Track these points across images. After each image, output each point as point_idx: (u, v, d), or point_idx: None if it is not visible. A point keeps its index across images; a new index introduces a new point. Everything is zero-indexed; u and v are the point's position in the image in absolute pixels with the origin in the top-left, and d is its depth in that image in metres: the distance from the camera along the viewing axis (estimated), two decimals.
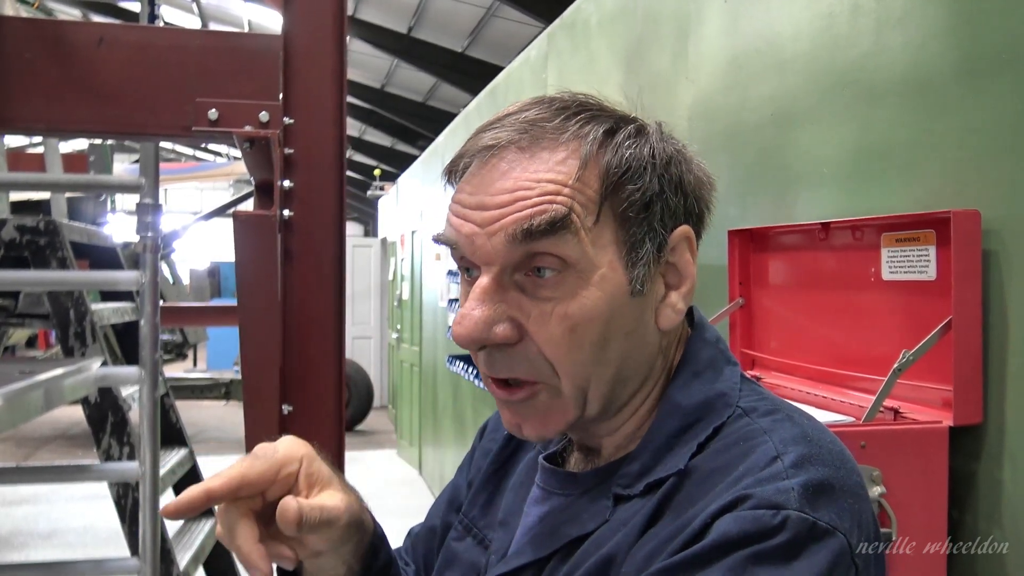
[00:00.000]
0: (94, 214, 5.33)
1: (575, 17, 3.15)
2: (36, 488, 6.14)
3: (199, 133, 1.67)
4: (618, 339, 0.69)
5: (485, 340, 0.67)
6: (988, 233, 1.26)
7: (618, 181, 0.68)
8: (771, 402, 0.71)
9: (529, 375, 0.68)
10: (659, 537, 0.63)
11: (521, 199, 0.66)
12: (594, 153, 0.68)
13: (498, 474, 0.86)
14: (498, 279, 0.67)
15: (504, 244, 0.66)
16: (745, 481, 0.62)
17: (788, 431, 0.66)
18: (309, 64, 1.78)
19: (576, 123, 0.69)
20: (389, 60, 11.03)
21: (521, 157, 0.68)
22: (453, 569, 0.82)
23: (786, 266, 1.78)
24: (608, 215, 0.68)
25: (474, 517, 0.84)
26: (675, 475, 0.66)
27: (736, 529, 0.58)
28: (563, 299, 0.67)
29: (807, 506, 0.59)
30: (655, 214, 0.69)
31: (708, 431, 0.68)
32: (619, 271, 0.68)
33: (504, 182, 0.67)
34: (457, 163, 0.72)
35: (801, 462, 0.62)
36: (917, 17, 1.42)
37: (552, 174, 0.67)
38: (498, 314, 0.67)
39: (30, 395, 1.55)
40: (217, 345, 11.16)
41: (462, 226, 0.69)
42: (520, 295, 0.68)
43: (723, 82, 2.03)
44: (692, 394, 0.71)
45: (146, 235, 1.97)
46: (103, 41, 1.65)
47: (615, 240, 0.68)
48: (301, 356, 1.83)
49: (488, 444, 0.91)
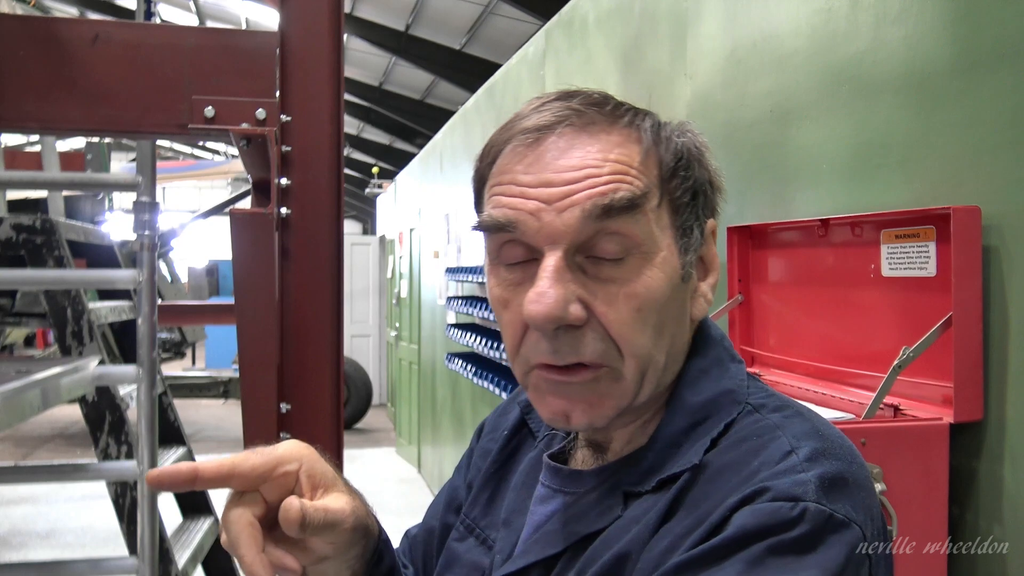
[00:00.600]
0: (91, 213, 5.32)
1: (573, 14, 3.15)
2: (34, 487, 6.13)
3: (195, 131, 1.66)
4: (670, 324, 0.70)
5: (564, 318, 0.65)
6: (988, 229, 1.26)
7: (675, 167, 0.70)
8: (779, 399, 0.72)
9: (595, 358, 0.67)
10: (675, 532, 0.63)
11: (592, 175, 0.66)
12: (653, 140, 0.69)
13: (498, 474, 0.86)
14: (566, 259, 0.66)
15: (578, 220, 0.65)
16: (761, 475, 0.62)
17: (800, 426, 0.67)
18: (306, 61, 1.77)
19: (623, 112, 0.70)
20: (387, 58, 11.01)
21: (580, 136, 0.67)
22: (454, 570, 0.82)
23: (785, 263, 1.77)
24: (666, 200, 0.69)
25: (475, 517, 0.84)
26: (689, 470, 0.66)
27: (755, 521, 0.59)
28: (628, 280, 0.66)
29: (824, 498, 0.60)
30: (699, 204, 0.72)
31: (719, 427, 0.69)
32: (675, 255, 0.69)
33: (568, 159, 0.66)
34: (497, 145, 0.70)
35: (815, 456, 0.63)
36: (916, 12, 1.41)
37: (616, 154, 0.67)
38: (570, 294, 0.65)
39: (27, 394, 1.54)
40: (215, 344, 11.15)
41: (523, 204, 0.67)
42: (583, 276, 0.67)
43: (721, 78, 2.03)
44: (700, 391, 0.71)
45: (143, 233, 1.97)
46: (98, 39, 1.64)
47: (671, 224, 0.69)
48: (299, 354, 1.83)
49: (487, 444, 0.90)
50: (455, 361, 4.39)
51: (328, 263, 1.82)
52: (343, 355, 1.88)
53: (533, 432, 0.86)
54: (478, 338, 3.82)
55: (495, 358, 3.61)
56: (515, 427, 0.88)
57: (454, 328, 4.39)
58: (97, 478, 2.29)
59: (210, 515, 2.86)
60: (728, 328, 1.86)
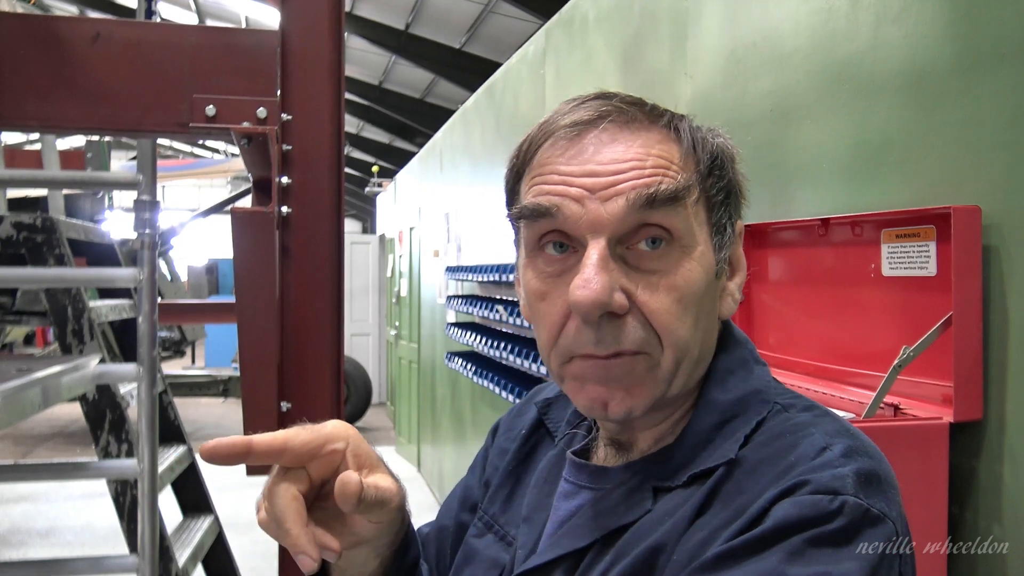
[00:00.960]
0: (92, 211, 5.32)
1: (573, 13, 3.14)
2: (34, 486, 6.14)
3: (196, 130, 1.66)
4: (704, 317, 0.71)
5: (608, 306, 0.66)
6: (988, 228, 1.26)
7: (711, 167, 0.71)
8: (806, 400, 0.73)
9: (636, 346, 0.68)
10: (711, 525, 0.64)
11: (637, 167, 0.67)
12: (691, 140, 0.71)
13: (516, 472, 0.86)
14: (609, 248, 0.67)
15: (622, 209, 0.66)
16: (799, 469, 0.63)
17: (831, 424, 0.68)
18: (307, 60, 1.77)
19: (662, 112, 0.72)
20: (387, 57, 11.01)
21: (622, 131, 0.69)
22: (473, 566, 0.82)
23: (785, 262, 1.77)
24: (703, 198, 0.71)
25: (494, 514, 0.84)
26: (724, 465, 0.67)
27: (795, 513, 0.60)
28: (669, 271, 0.68)
29: (861, 493, 0.61)
30: (731, 204, 0.73)
31: (751, 425, 0.70)
32: (710, 251, 0.71)
33: (613, 152, 0.68)
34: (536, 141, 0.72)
35: (850, 452, 0.64)
36: (916, 11, 1.41)
37: (658, 150, 0.69)
38: (614, 282, 0.66)
39: (28, 392, 1.54)
40: (215, 342, 11.15)
41: (567, 191, 0.68)
42: (624, 267, 0.68)
43: (721, 77, 2.03)
44: (728, 390, 0.73)
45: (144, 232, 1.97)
46: (99, 37, 1.64)
47: (707, 221, 0.71)
48: (299, 353, 1.83)
49: (504, 443, 0.91)
50: (455, 360, 4.39)
51: (328, 262, 1.82)
52: (343, 353, 1.89)
53: (551, 432, 0.87)
54: (478, 337, 3.82)
55: (495, 357, 3.62)
56: (532, 427, 0.89)
57: (454, 327, 4.39)
58: (98, 476, 2.29)
59: (210, 513, 2.86)
60: None
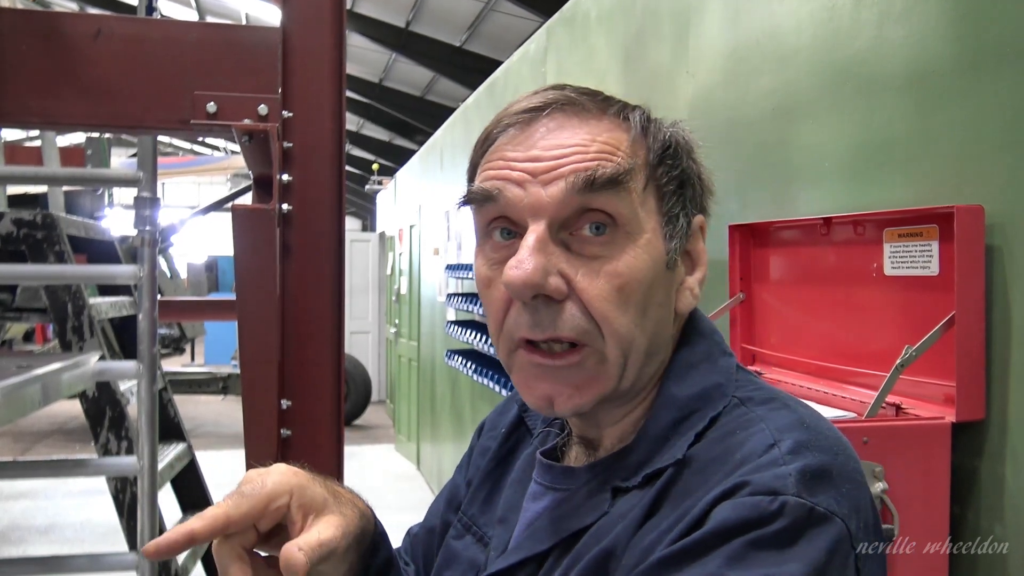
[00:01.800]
0: (92, 208, 5.31)
1: (574, 11, 3.14)
2: (34, 483, 6.13)
3: (197, 127, 1.66)
4: (654, 308, 0.70)
5: (541, 287, 0.66)
6: (991, 228, 1.26)
7: (662, 156, 0.71)
8: (767, 391, 0.72)
9: (574, 334, 0.67)
10: (658, 528, 0.63)
11: (580, 152, 0.67)
12: (641, 128, 0.70)
13: (496, 471, 0.86)
14: (549, 231, 0.67)
15: (562, 192, 0.66)
16: (743, 469, 0.62)
17: (784, 418, 0.66)
18: (308, 57, 1.77)
19: (614, 102, 0.72)
20: (387, 54, 10.99)
21: (570, 119, 0.69)
22: (453, 568, 0.82)
23: (787, 261, 1.77)
24: (652, 185, 0.70)
25: (473, 515, 0.84)
26: (673, 465, 0.66)
27: (734, 516, 0.59)
28: (612, 257, 0.67)
29: (804, 491, 0.59)
30: (685, 195, 0.72)
31: (705, 421, 0.69)
32: (660, 240, 0.70)
33: (558, 138, 0.68)
34: (492, 134, 0.72)
35: (798, 448, 0.62)
36: (919, 10, 1.41)
37: (604, 137, 0.68)
38: (550, 266, 0.66)
39: (28, 389, 1.54)
40: (214, 339, 11.15)
41: (509, 175, 0.68)
42: (566, 252, 0.67)
43: (723, 76, 2.03)
44: (688, 385, 0.72)
45: (144, 229, 1.96)
46: (100, 33, 1.63)
47: (657, 210, 0.70)
48: (300, 350, 1.82)
49: (487, 442, 0.90)
50: (454, 358, 4.39)
51: (329, 259, 1.82)
52: (344, 351, 1.88)
53: (530, 429, 0.87)
54: (478, 335, 3.82)
55: (495, 355, 3.61)
56: (513, 424, 0.89)
57: (454, 325, 4.39)
58: (98, 474, 2.29)
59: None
60: (730, 326, 1.86)
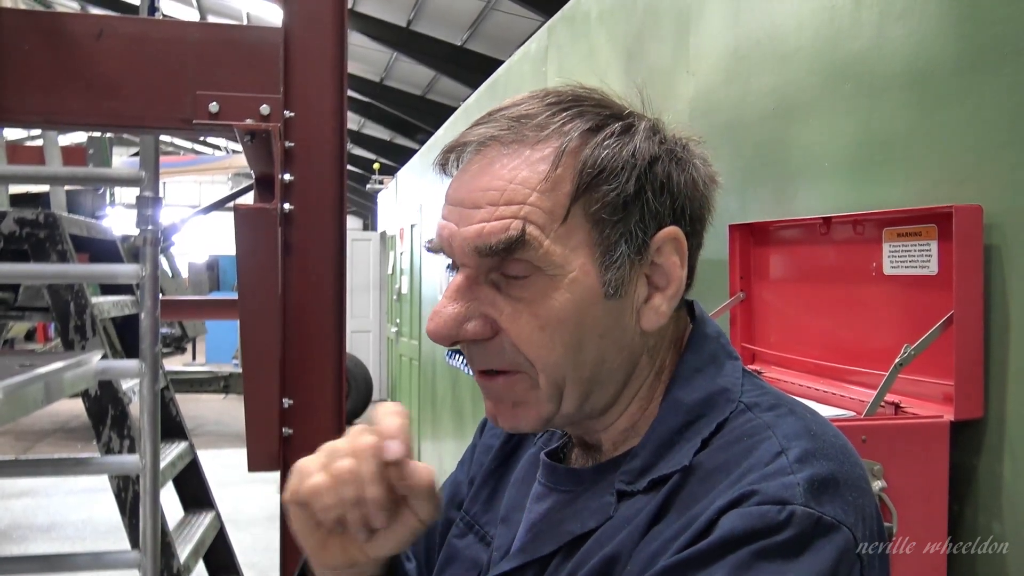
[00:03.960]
0: (93, 207, 5.32)
1: (575, 10, 3.14)
2: (35, 481, 6.15)
3: (200, 126, 1.67)
4: (592, 341, 0.69)
5: (455, 336, 0.69)
6: (990, 227, 1.26)
7: (591, 182, 0.67)
8: (773, 396, 0.71)
9: (506, 366, 0.69)
10: (664, 535, 0.63)
11: (492, 204, 0.67)
12: (571, 150, 0.67)
13: (499, 470, 0.86)
14: (472, 278, 0.69)
15: (471, 254, 0.68)
16: (750, 477, 0.61)
17: (791, 426, 0.66)
18: (309, 57, 1.77)
19: (561, 119, 0.68)
20: (388, 53, 11.00)
21: (502, 153, 0.68)
22: (454, 566, 0.82)
23: (787, 260, 1.77)
24: (580, 216, 0.67)
25: (476, 514, 0.84)
26: (679, 472, 0.66)
27: (742, 525, 0.58)
28: (534, 300, 0.67)
29: (812, 501, 0.59)
30: (632, 216, 0.68)
31: (711, 427, 0.68)
32: (592, 274, 0.68)
33: (482, 180, 0.68)
34: (447, 155, 0.72)
35: (805, 457, 0.62)
36: (919, 9, 1.41)
37: (526, 173, 0.67)
38: (471, 311, 0.69)
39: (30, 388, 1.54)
40: (215, 338, 11.16)
41: (444, 228, 0.70)
42: (495, 292, 0.69)
43: (724, 75, 2.03)
44: (694, 390, 0.71)
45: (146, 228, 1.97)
46: (103, 33, 1.64)
47: (588, 241, 0.68)
48: (301, 349, 1.83)
49: (489, 440, 0.90)
50: (455, 357, 4.39)
51: (330, 258, 1.83)
52: (345, 350, 1.89)
53: None
54: None
55: None
56: None
57: None
58: (100, 472, 2.29)
59: (212, 509, 2.87)
60: (730, 325, 1.86)
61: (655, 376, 0.74)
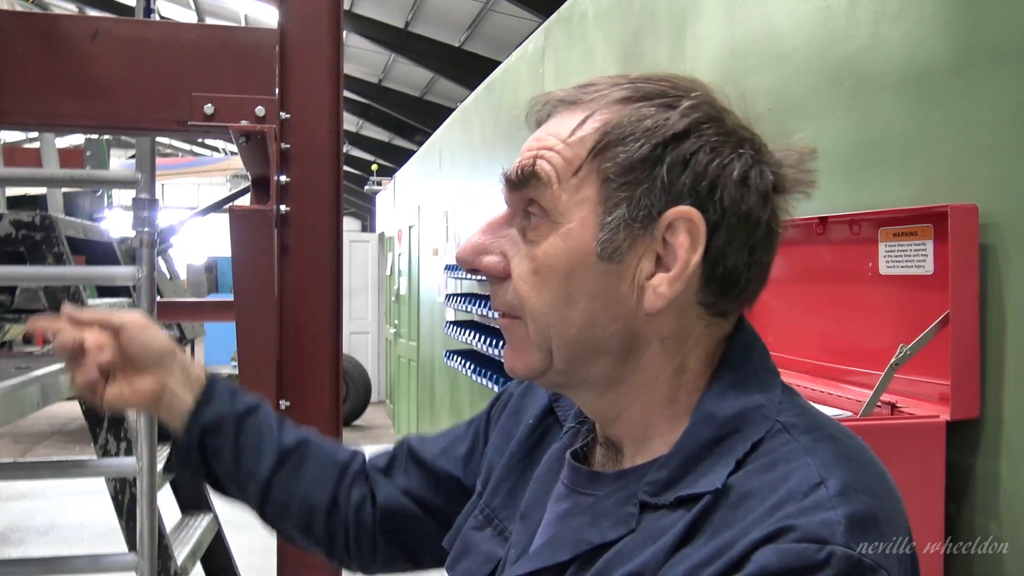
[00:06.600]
0: (90, 209, 5.31)
1: (572, 11, 3.15)
2: (33, 484, 6.14)
3: (195, 128, 1.66)
4: (582, 299, 0.68)
5: (472, 264, 0.73)
6: (986, 227, 1.26)
7: (608, 142, 0.69)
8: (811, 418, 0.68)
9: (505, 308, 0.73)
10: (692, 560, 0.60)
11: (537, 147, 0.72)
12: (602, 112, 0.70)
13: (522, 463, 0.84)
14: (507, 217, 0.74)
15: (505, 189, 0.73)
16: (787, 509, 0.59)
17: (829, 452, 0.63)
18: (305, 58, 1.77)
19: (616, 89, 0.72)
20: (386, 55, 11.00)
21: (562, 113, 0.73)
22: (469, 558, 0.81)
23: (783, 260, 1.76)
24: (593, 172, 0.69)
25: (496, 507, 0.82)
26: (711, 493, 0.63)
27: (777, 562, 0.56)
28: (536, 243, 0.70)
29: (852, 541, 0.57)
30: (640, 183, 0.67)
31: (746, 447, 0.65)
32: (589, 230, 0.68)
33: (541, 132, 0.73)
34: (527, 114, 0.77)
35: (846, 490, 0.60)
36: (915, 9, 1.41)
37: (561, 128, 0.71)
38: (492, 246, 0.73)
39: (27, 390, 1.54)
40: (214, 340, 11.14)
41: None
42: (519, 235, 0.72)
43: (720, 75, 2.03)
44: (727, 404, 0.68)
45: (143, 230, 1.96)
46: (98, 35, 1.64)
47: (595, 199, 0.69)
48: (298, 351, 1.83)
49: (508, 425, 0.89)
50: (454, 358, 4.39)
51: (327, 260, 1.82)
52: (342, 352, 1.89)
53: (560, 420, 0.84)
54: (477, 335, 3.82)
55: (494, 355, 3.62)
56: (542, 414, 0.86)
57: (453, 325, 4.39)
58: (97, 474, 2.28)
59: (209, 511, 2.86)
60: None
61: (674, 375, 0.70)
